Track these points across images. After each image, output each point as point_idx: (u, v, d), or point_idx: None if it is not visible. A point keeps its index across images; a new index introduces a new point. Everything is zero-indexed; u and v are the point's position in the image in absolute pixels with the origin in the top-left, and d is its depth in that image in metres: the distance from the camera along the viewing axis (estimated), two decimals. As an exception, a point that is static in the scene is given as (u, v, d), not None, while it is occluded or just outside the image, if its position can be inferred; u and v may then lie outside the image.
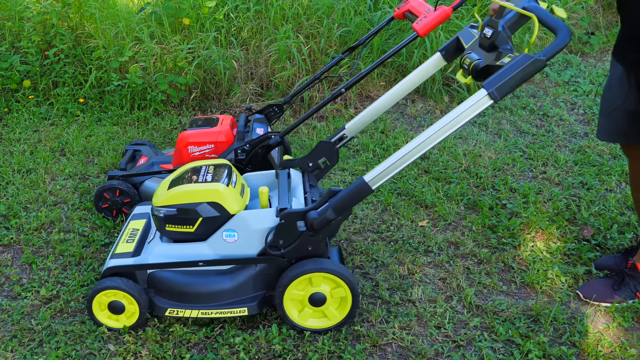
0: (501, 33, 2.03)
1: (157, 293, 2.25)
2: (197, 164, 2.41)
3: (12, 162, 3.59)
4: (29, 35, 4.37)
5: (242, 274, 2.21)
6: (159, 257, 2.23)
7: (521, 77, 1.84)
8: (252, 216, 2.19)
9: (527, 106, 4.43)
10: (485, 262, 2.70)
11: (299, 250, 2.15)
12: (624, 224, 2.94)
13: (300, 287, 2.17)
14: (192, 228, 2.20)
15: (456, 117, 1.93)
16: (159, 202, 2.23)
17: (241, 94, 4.37)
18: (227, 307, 2.20)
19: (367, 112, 2.65)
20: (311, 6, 4.62)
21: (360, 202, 2.12)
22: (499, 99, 1.88)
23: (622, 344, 2.20)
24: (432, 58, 2.54)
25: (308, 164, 2.56)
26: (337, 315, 2.23)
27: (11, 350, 2.19)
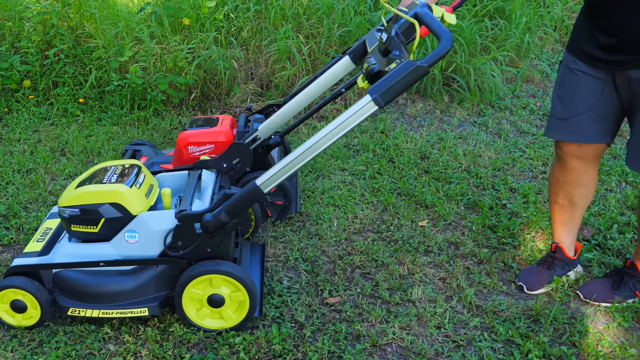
0: (394, 38, 2.03)
1: (62, 292, 2.25)
2: (107, 164, 2.42)
3: (12, 162, 3.59)
4: (29, 35, 4.37)
5: (143, 274, 2.22)
6: (64, 256, 2.24)
7: (404, 83, 1.85)
8: (152, 217, 2.20)
9: (527, 106, 4.43)
10: (485, 262, 2.70)
11: (197, 251, 2.16)
12: (624, 224, 2.94)
13: (200, 287, 2.18)
14: (95, 228, 2.21)
15: (343, 122, 1.95)
16: (64, 202, 2.23)
17: (241, 94, 4.37)
18: (128, 307, 2.21)
19: (279, 114, 2.75)
20: (311, 6, 4.62)
21: (251, 205, 2.14)
22: (383, 105, 1.90)
23: (622, 344, 2.20)
24: (341, 61, 2.59)
25: (222, 165, 2.59)
26: (234, 318, 2.24)
27: (11, 350, 2.19)
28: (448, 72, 4.53)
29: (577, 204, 2.43)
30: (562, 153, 2.36)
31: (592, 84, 2.20)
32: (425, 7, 2.04)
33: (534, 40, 5.10)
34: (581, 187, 2.39)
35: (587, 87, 2.21)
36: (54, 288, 2.26)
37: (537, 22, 5.26)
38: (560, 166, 2.40)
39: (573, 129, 2.28)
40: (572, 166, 2.36)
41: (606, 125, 2.25)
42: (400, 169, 3.50)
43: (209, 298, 2.20)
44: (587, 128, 2.26)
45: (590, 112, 2.23)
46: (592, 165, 2.35)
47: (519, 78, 4.75)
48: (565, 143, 2.33)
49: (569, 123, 2.28)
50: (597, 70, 2.17)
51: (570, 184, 2.39)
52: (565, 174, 2.39)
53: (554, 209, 2.50)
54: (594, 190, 2.43)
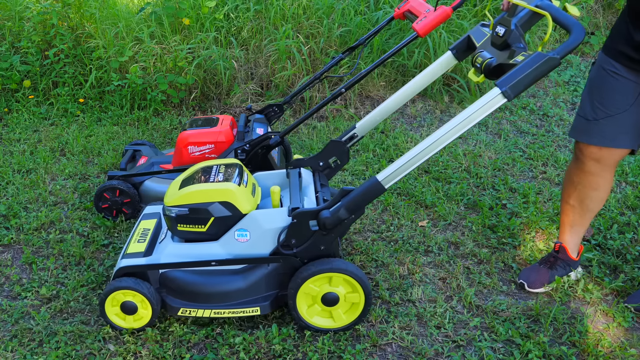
0: (514, 31, 2.01)
1: (169, 293, 2.25)
2: (208, 163, 2.41)
3: (12, 162, 3.59)
4: (29, 35, 4.37)
5: (254, 273, 2.21)
6: (170, 256, 2.23)
7: (535, 75, 1.84)
8: (264, 215, 2.19)
9: (527, 106, 4.43)
10: (485, 262, 2.70)
11: (311, 249, 2.15)
12: (624, 224, 2.94)
13: (318, 283, 2.17)
14: (204, 228, 2.20)
15: (470, 115, 1.93)
16: (171, 202, 2.22)
17: (241, 94, 4.37)
18: (239, 307, 2.20)
19: (378, 111, 2.64)
20: (311, 6, 4.62)
21: (371, 201, 2.11)
22: (512, 98, 1.88)
23: (622, 344, 2.20)
24: (443, 57, 2.52)
25: (319, 163, 2.56)
26: (344, 319, 2.23)
27: (11, 350, 2.19)
28: (448, 72, 4.53)
29: (588, 207, 2.41)
30: (581, 154, 2.34)
31: (627, 87, 2.17)
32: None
33: (534, 40, 5.10)
34: (595, 191, 2.37)
35: (621, 90, 2.18)
36: (161, 288, 2.26)
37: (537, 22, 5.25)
38: (577, 167, 2.38)
39: (599, 131, 2.25)
40: (589, 168, 2.33)
41: (634, 131, 2.22)
42: (400, 169, 3.50)
43: (323, 296, 2.18)
44: (613, 132, 2.23)
45: (620, 115, 2.20)
46: (609, 169, 2.33)
47: (519, 78, 4.74)
48: (586, 145, 2.31)
49: (598, 125, 2.25)
50: (634, 73, 2.15)
51: (584, 186, 2.37)
52: (581, 176, 2.37)
53: (564, 210, 2.49)
54: (607, 196, 2.41)
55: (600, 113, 2.24)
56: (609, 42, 2.26)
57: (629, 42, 2.13)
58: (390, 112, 2.65)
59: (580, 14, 2.06)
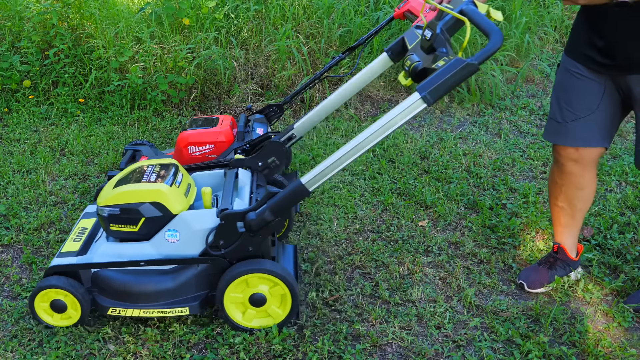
0: (439, 35, 2.03)
1: (101, 292, 2.25)
2: (144, 163, 2.42)
3: (12, 162, 3.59)
4: (29, 35, 4.37)
5: (184, 273, 2.22)
6: (103, 256, 2.24)
7: (454, 81, 1.85)
8: (194, 216, 2.19)
9: (527, 106, 4.43)
10: (485, 262, 2.70)
11: (239, 250, 2.16)
12: (624, 224, 2.94)
13: (238, 290, 2.18)
14: (135, 228, 2.21)
15: (391, 119, 1.95)
16: (103, 202, 2.23)
17: (241, 94, 4.37)
18: (168, 307, 2.21)
19: (316, 112, 2.72)
20: (311, 6, 4.62)
21: (296, 203, 2.14)
22: (432, 103, 1.90)
23: (622, 344, 2.20)
24: (379, 58, 2.58)
25: (258, 164, 2.58)
26: (280, 312, 2.24)
27: (11, 350, 2.19)
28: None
29: (577, 207, 2.43)
30: (560, 157, 2.36)
31: (592, 89, 2.19)
32: (471, 4, 2.03)
33: (534, 40, 5.10)
34: (579, 190, 2.39)
35: (588, 92, 2.20)
36: (92, 288, 2.26)
37: (537, 22, 5.26)
38: (558, 169, 2.40)
39: (571, 133, 2.28)
40: (569, 169, 2.35)
41: (604, 130, 2.25)
42: (400, 169, 3.50)
43: (250, 299, 2.19)
44: (585, 132, 2.25)
45: (588, 117, 2.22)
46: (589, 168, 2.35)
47: (519, 78, 4.75)
48: (563, 147, 2.33)
49: (567, 127, 2.28)
50: (598, 75, 2.16)
51: (568, 187, 2.39)
52: (564, 177, 2.39)
53: (555, 212, 2.50)
54: (594, 193, 2.43)
55: (568, 115, 2.26)
56: (571, 45, 2.27)
57: (592, 46, 2.14)
58: (328, 112, 2.74)
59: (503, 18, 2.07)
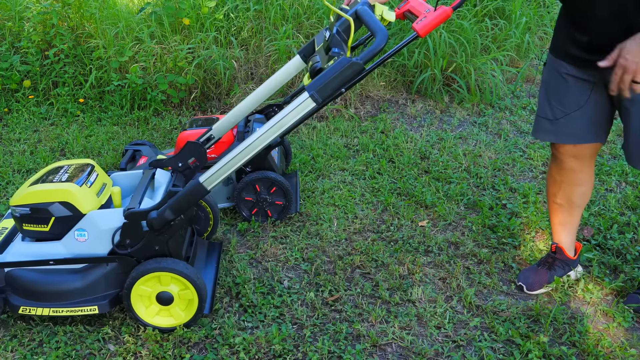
0: (334, 36, 2.07)
1: (13, 291, 2.26)
2: (59, 163, 2.43)
3: (12, 162, 3.59)
4: (29, 35, 4.37)
5: (93, 272, 2.22)
6: (16, 255, 2.25)
7: (340, 79, 1.89)
8: (101, 216, 2.21)
9: (527, 106, 4.43)
10: (485, 262, 2.70)
11: (145, 249, 2.18)
12: (624, 224, 2.94)
13: (149, 284, 2.19)
14: (46, 227, 2.22)
15: (283, 118, 2.00)
16: (15, 201, 2.24)
17: (241, 94, 4.37)
18: (78, 305, 2.21)
19: (232, 114, 2.76)
20: (311, 6, 4.62)
21: (195, 202, 2.16)
22: (320, 102, 1.93)
23: (622, 344, 2.20)
24: (292, 60, 2.63)
25: (178, 164, 2.60)
26: (183, 315, 2.25)
27: (11, 350, 2.19)
28: (448, 72, 4.53)
29: (576, 203, 2.43)
30: (559, 153, 2.37)
31: (579, 85, 2.20)
32: (366, 4, 2.07)
33: (534, 40, 5.10)
34: (579, 186, 2.39)
35: (575, 88, 2.21)
36: (6, 287, 2.27)
37: (537, 22, 5.26)
38: (557, 166, 2.41)
39: (564, 129, 2.28)
40: (569, 166, 2.36)
41: (597, 125, 2.25)
42: (400, 169, 3.50)
43: (157, 296, 2.21)
44: (577, 128, 2.26)
45: (578, 112, 2.23)
46: (588, 163, 2.36)
47: (519, 78, 4.75)
48: (561, 144, 2.34)
49: (559, 124, 2.28)
50: (584, 72, 2.16)
51: (567, 184, 2.40)
52: (563, 174, 2.39)
53: (553, 210, 2.50)
54: (592, 189, 2.44)
55: (559, 112, 2.27)
56: (555, 43, 2.27)
57: (574, 42, 2.14)
58: (245, 114, 2.77)
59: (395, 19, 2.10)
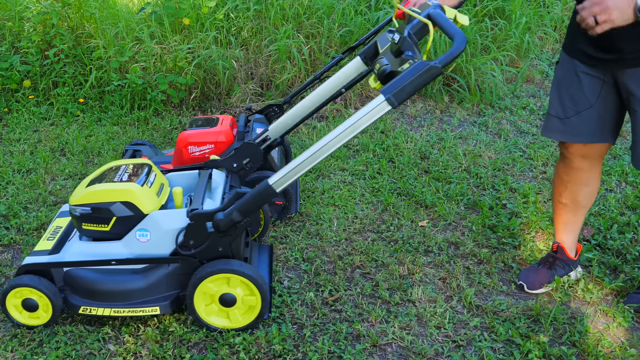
0: (406, 39, 2.04)
1: (73, 291, 2.26)
2: (117, 163, 2.43)
3: (12, 162, 3.59)
4: (29, 35, 4.37)
5: (155, 273, 2.22)
6: (75, 255, 2.24)
7: (418, 83, 1.87)
8: (164, 216, 2.20)
9: (527, 106, 4.43)
10: (485, 262, 2.70)
11: (209, 250, 2.17)
12: (624, 224, 2.94)
13: (216, 283, 2.18)
14: (107, 227, 2.21)
15: (357, 121, 1.97)
16: (75, 201, 2.24)
17: (241, 94, 4.37)
18: (139, 306, 2.21)
19: (290, 115, 2.74)
20: (311, 6, 4.62)
21: (264, 204, 2.14)
22: (396, 105, 1.92)
23: (622, 344, 2.20)
24: (353, 62, 2.62)
25: (232, 165, 2.59)
26: (241, 320, 2.24)
27: (11, 350, 2.19)
28: (448, 72, 4.53)
29: (581, 203, 2.43)
30: (568, 152, 2.37)
31: (590, 83, 2.20)
32: (438, 8, 2.05)
33: (534, 40, 5.10)
34: (585, 186, 2.39)
35: (586, 86, 2.22)
36: (65, 286, 2.26)
37: (537, 22, 5.26)
38: (565, 165, 2.41)
39: (574, 129, 2.28)
40: (577, 165, 2.36)
41: (606, 125, 2.25)
42: (400, 169, 3.50)
43: (221, 296, 2.20)
44: (588, 127, 2.26)
45: (589, 111, 2.23)
46: (596, 163, 2.36)
47: (519, 78, 4.75)
48: (570, 143, 2.34)
49: (570, 123, 2.28)
50: (596, 70, 2.18)
51: (574, 183, 2.40)
52: (570, 173, 2.39)
53: (557, 209, 2.50)
54: (597, 190, 2.44)
55: (570, 110, 2.27)
56: (568, 41, 2.28)
57: (588, 42, 2.15)
58: (302, 116, 2.75)
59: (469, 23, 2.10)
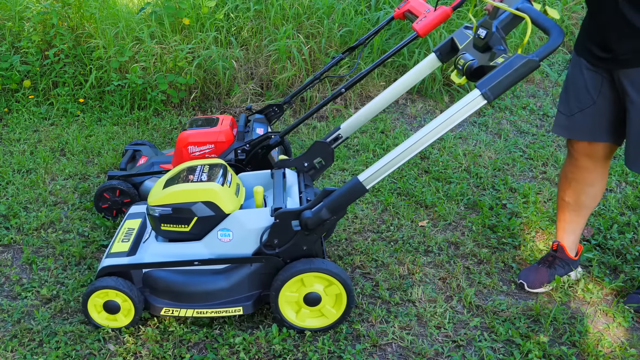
0: (495, 34, 2.03)
1: (153, 292, 2.25)
2: (192, 163, 2.41)
3: (12, 162, 3.59)
4: (29, 35, 4.37)
5: (237, 273, 2.21)
6: (154, 256, 2.23)
7: (515, 77, 1.85)
8: (247, 215, 2.19)
9: (527, 106, 4.43)
10: (485, 262, 2.69)
11: (293, 249, 2.15)
12: (624, 224, 2.93)
13: (293, 288, 2.17)
14: (187, 227, 2.20)
15: (451, 116, 1.94)
16: (154, 202, 2.23)
17: (241, 94, 4.37)
18: (222, 307, 2.21)
19: (363, 112, 2.66)
20: (311, 6, 4.62)
21: (354, 201, 2.11)
22: (492, 99, 1.89)
23: (622, 344, 2.20)
24: (427, 59, 2.56)
25: (303, 164, 2.56)
26: (335, 312, 2.23)
27: (11, 350, 2.19)
28: (448, 72, 4.53)
29: (584, 203, 2.43)
30: (574, 150, 2.38)
31: (592, 81, 2.23)
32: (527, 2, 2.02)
33: (534, 40, 5.10)
34: (590, 186, 2.39)
35: (589, 83, 2.24)
36: (144, 288, 2.26)
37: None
38: (571, 164, 2.42)
39: (577, 126, 2.30)
40: (582, 164, 2.36)
41: (610, 124, 2.26)
42: (400, 169, 3.50)
43: (305, 298, 2.19)
44: (590, 125, 2.27)
45: (591, 108, 2.25)
46: (602, 164, 2.36)
47: (519, 78, 4.74)
48: (576, 140, 2.35)
49: (574, 119, 2.30)
50: (597, 68, 2.20)
51: (578, 182, 2.40)
52: (575, 172, 2.40)
53: (560, 207, 2.50)
54: (602, 192, 2.43)
55: (574, 107, 2.29)
56: (578, 41, 2.30)
57: (593, 41, 2.17)
58: (375, 113, 2.69)
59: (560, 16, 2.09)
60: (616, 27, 2.04)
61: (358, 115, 2.67)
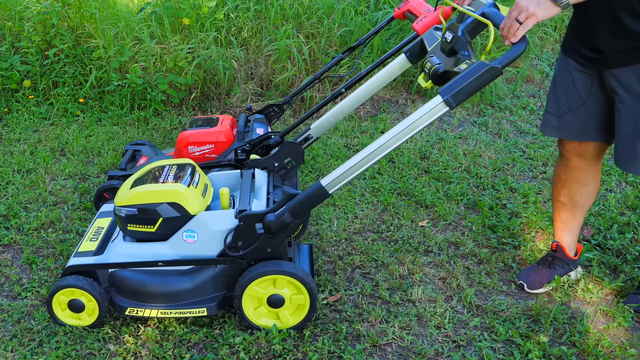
0: (460, 38, 2.01)
1: (118, 292, 2.26)
2: (161, 163, 2.41)
3: (12, 162, 3.59)
4: (29, 35, 4.37)
5: (202, 274, 2.21)
6: (120, 256, 2.23)
7: (477, 84, 1.83)
8: (212, 217, 2.19)
9: (527, 106, 4.43)
10: (485, 262, 2.70)
11: (257, 252, 2.15)
12: (624, 224, 2.94)
13: (262, 285, 2.18)
14: (153, 228, 2.20)
15: (412, 123, 1.93)
16: (121, 202, 2.23)
17: (241, 94, 4.37)
18: (186, 307, 2.21)
19: (333, 113, 2.69)
20: (311, 6, 4.62)
21: (316, 205, 2.11)
22: (454, 106, 1.88)
23: (622, 344, 2.20)
24: (397, 59, 2.56)
25: (274, 164, 2.57)
26: (290, 320, 2.23)
27: (11, 350, 2.19)
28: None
29: (579, 203, 2.43)
30: (564, 151, 2.38)
31: (582, 81, 2.22)
32: (493, 6, 2.01)
33: (533, 40, 5.10)
34: (583, 186, 2.40)
35: (578, 84, 2.23)
36: (110, 287, 2.26)
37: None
38: (563, 164, 2.42)
39: (567, 126, 2.30)
40: (574, 164, 2.37)
41: (599, 124, 2.26)
42: (400, 169, 3.50)
43: (269, 298, 2.19)
44: (579, 125, 2.27)
45: (580, 109, 2.25)
46: (594, 163, 2.36)
47: (519, 78, 4.75)
48: (567, 140, 2.35)
49: (564, 119, 2.30)
50: (586, 69, 2.20)
51: (572, 182, 2.40)
52: (568, 172, 2.40)
53: (556, 207, 2.51)
54: (597, 190, 2.44)
55: (564, 108, 2.29)
56: (565, 41, 2.30)
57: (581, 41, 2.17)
58: (345, 114, 2.70)
59: None
60: (606, 28, 2.03)
61: (328, 116, 2.70)
